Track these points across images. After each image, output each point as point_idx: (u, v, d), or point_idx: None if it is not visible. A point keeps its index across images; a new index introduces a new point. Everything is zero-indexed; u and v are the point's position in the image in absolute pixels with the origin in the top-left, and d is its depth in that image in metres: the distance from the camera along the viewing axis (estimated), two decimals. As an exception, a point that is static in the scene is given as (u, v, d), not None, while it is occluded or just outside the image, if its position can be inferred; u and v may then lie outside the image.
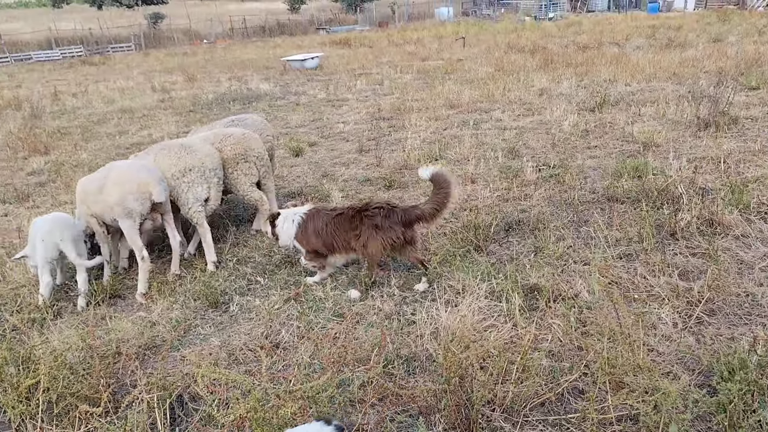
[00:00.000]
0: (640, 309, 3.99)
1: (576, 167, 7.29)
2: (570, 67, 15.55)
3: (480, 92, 13.15)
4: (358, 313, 4.42)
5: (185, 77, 20.74)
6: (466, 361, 3.24)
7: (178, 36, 48.87)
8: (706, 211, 5.32)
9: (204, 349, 4.14)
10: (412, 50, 25.32)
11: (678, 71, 13.30)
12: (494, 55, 20.15)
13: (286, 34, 50.16)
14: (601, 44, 20.90)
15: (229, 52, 34.19)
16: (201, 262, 5.58)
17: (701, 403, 2.94)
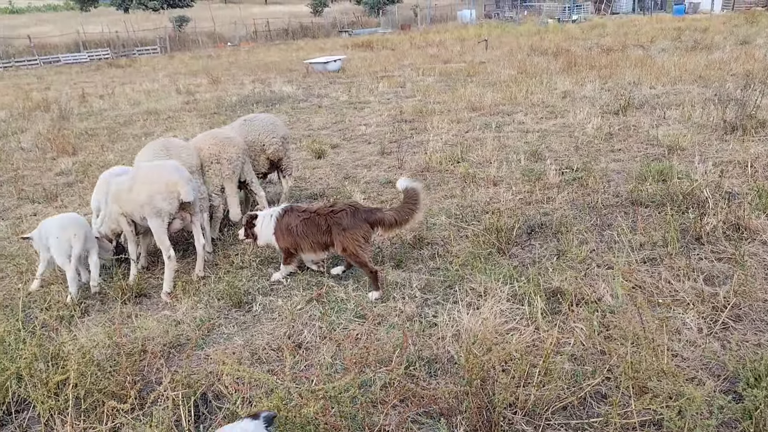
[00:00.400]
0: (664, 314, 3.95)
1: (599, 170, 7.24)
2: (594, 70, 15.43)
3: (502, 95, 13.11)
4: (380, 314, 4.45)
5: (209, 79, 20.98)
6: (488, 363, 3.25)
7: (202, 39, 49.46)
8: (733, 216, 5.26)
9: (227, 348, 4.19)
10: (434, 53, 25.32)
11: (704, 74, 13.14)
12: (517, 58, 20.08)
13: (308, 36, 50.50)
14: (625, 46, 20.71)
15: (252, 54, 34.52)
16: (225, 262, 5.64)
17: (726, 410, 2.91)
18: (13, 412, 3.63)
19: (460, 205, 6.71)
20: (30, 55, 42.09)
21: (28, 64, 40.31)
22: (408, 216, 4.97)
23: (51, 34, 48.93)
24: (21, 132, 13.85)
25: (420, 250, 5.61)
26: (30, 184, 9.27)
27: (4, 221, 7.50)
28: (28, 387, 3.49)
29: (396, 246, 5.73)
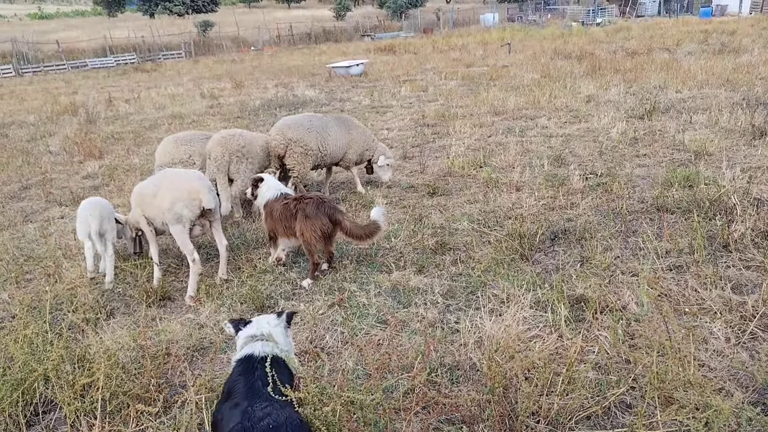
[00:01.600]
0: (690, 323, 3.89)
1: (624, 176, 7.16)
2: (618, 74, 15.28)
3: (525, 99, 13.04)
4: (402, 320, 4.44)
5: (233, 84, 21.18)
6: (511, 371, 3.22)
7: (226, 43, 49.98)
8: (762, 223, 5.16)
9: (250, 351, 4.21)
10: (456, 57, 25.29)
11: (732, 77, 12.93)
12: (540, 62, 19.96)
13: (331, 41, 50.76)
14: (650, 50, 20.48)
15: (275, 59, 34.79)
16: (248, 266, 5.68)
17: (755, 422, 2.85)
18: (41, 413, 3.69)
19: (483, 210, 6.68)
20: (58, 60, 42.89)
21: (57, 69, 41.08)
22: (363, 235, 5.21)
23: (79, 39, 49.83)
24: (49, 136, 14.10)
25: (442, 255, 5.60)
26: (58, 187, 9.44)
27: (32, 224, 7.64)
28: (55, 388, 3.55)
29: (418, 251, 5.72)
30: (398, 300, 4.80)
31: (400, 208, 7.09)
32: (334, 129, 7.48)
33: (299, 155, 7.10)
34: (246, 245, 6.19)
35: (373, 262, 5.58)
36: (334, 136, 7.44)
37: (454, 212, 6.73)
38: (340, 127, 7.58)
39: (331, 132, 7.43)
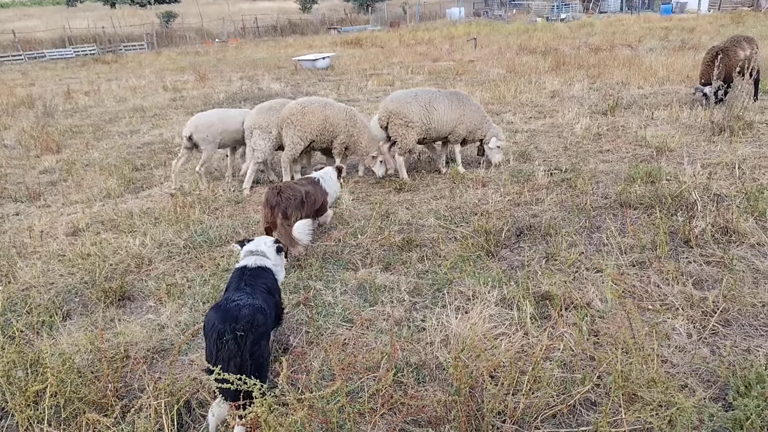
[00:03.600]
0: (653, 319, 3.93)
1: (588, 172, 7.23)
2: (582, 69, 15.47)
3: (491, 94, 13.10)
4: (368, 319, 4.39)
5: (197, 76, 20.80)
6: (477, 371, 3.20)
7: (190, 35, 49.02)
8: (721, 219, 5.25)
9: (212, 353, 4.11)
10: (423, 51, 25.28)
11: (692, 74, 13.16)
12: (506, 57, 20.08)
13: (297, 33, 50.24)
14: (613, 46, 20.78)
15: (240, 51, 34.29)
16: (211, 264, 5.56)
17: (717, 419, 2.88)
18: (-8, 421, 3.54)
19: (449, 206, 6.67)
20: (14, 50, 41.48)
21: (13, 60, 39.73)
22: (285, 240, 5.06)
23: (36, 29, 48.26)
24: (4, 129, 13.64)
25: (409, 252, 5.56)
26: (12, 182, 9.12)
27: (-15, 221, 7.36)
28: (6, 395, 3.40)
29: (385, 248, 5.67)
30: (365, 298, 4.75)
31: (367, 204, 7.03)
32: (443, 104, 7.55)
33: (399, 127, 7.38)
34: (209, 243, 6.06)
35: (340, 259, 5.51)
36: (440, 110, 7.52)
37: (421, 208, 6.70)
38: (451, 102, 7.62)
39: (438, 106, 7.51)
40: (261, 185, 8.14)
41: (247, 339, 3.15)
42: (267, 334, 3.42)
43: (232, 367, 3.06)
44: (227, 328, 3.14)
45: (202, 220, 6.73)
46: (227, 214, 6.96)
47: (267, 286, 3.74)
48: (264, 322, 3.33)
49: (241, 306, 3.30)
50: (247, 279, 3.70)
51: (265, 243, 4.11)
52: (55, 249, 6.15)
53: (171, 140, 11.29)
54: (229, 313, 3.24)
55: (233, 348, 3.10)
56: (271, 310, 3.63)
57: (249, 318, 3.22)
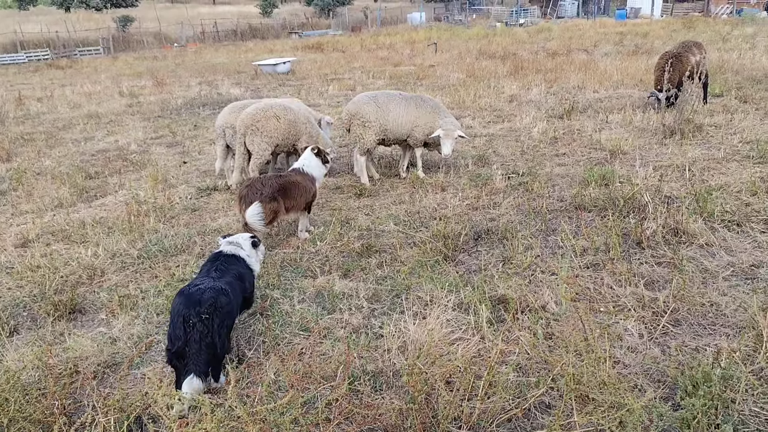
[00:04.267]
0: (606, 321, 3.99)
1: (544, 175, 7.33)
2: (540, 74, 15.71)
3: (451, 98, 13.19)
4: (326, 327, 4.35)
5: (154, 81, 20.43)
6: (433, 378, 3.20)
7: (148, 39, 48.20)
8: (672, 220, 5.37)
9: (166, 366, 4.02)
10: (384, 55, 25.35)
11: (645, 78, 13.50)
12: (466, 61, 20.27)
13: (257, 38, 49.88)
14: (570, 51, 21.17)
15: (199, 56, 33.86)
16: (166, 274, 5.45)
17: (666, 418, 2.94)
18: (-69, 444, 3.39)
19: (409, 211, 6.68)
20: (-37, 55, 40.16)
21: (-39, 65, 38.46)
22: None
23: (-14, 33, 46.81)
24: (-49, 137, 13.15)
25: (368, 258, 5.55)
26: (-41, 193, 8.79)
27: (-72, 234, 7.07)
28: (-54, 416, 3.27)
29: (344, 255, 5.65)
30: (323, 306, 4.71)
31: (327, 210, 7.00)
32: (400, 105, 7.56)
33: (358, 127, 7.55)
34: (164, 252, 5.93)
35: (298, 267, 5.46)
36: (396, 112, 7.52)
37: (381, 214, 6.69)
38: (407, 105, 7.60)
39: (395, 108, 7.53)
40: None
41: (214, 320, 3.46)
42: (231, 314, 3.73)
43: (203, 346, 3.43)
44: (192, 312, 3.43)
45: (157, 229, 6.60)
46: (183, 223, 6.84)
47: (238, 272, 4.11)
48: (227, 303, 3.63)
49: (204, 290, 3.56)
50: (219, 264, 4.06)
51: (242, 237, 4.50)
52: (2, 261, 5.95)
53: (127, 147, 11.06)
54: (192, 297, 3.51)
55: (203, 329, 3.42)
56: (237, 293, 3.93)
57: (212, 301, 3.50)
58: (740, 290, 4.39)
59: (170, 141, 11.51)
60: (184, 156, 10.19)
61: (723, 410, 2.98)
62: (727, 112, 9.92)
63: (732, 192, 6.24)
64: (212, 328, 3.46)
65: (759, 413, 3.09)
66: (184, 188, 8.14)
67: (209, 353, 3.49)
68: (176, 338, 3.45)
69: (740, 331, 3.85)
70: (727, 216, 5.62)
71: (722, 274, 4.64)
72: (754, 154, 7.42)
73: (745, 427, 2.99)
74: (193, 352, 3.45)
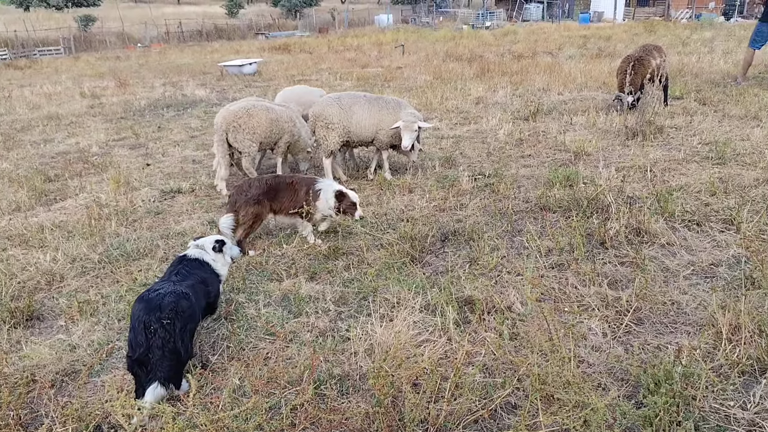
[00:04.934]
0: (571, 321, 4.03)
1: (510, 176, 7.39)
2: (506, 76, 15.86)
3: (418, 100, 13.22)
4: (292, 331, 4.31)
5: (117, 82, 20.02)
6: (399, 380, 3.18)
7: (110, 39, 47.26)
8: (634, 220, 5.46)
9: (127, 373, 3.92)
10: (351, 57, 25.31)
11: (608, 80, 13.73)
12: (433, 63, 20.36)
13: (223, 38, 49.33)
14: (535, 53, 21.44)
15: (164, 56, 33.33)
16: (128, 279, 5.33)
17: (629, 416, 2.98)
18: None
19: (376, 212, 6.67)
20: None
21: None
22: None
23: (-60, 32, 45.33)
24: None
25: (335, 260, 5.51)
26: None
27: None
28: None
29: (310, 257, 5.60)
30: (289, 309, 4.66)
31: (293, 212, 6.93)
32: (363, 107, 7.49)
33: (321, 129, 7.51)
34: (126, 257, 5.81)
35: (264, 270, 5.40)
36: (360, 114, 7.46)
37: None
38: (371, 107, 7.53)
39: (358, 110, 7.46)
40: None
41: (176, 325, 3.40)
42: (194, 317, 3.69)
43: (167, 352, 3.36)
44: (153, 317, 3.37)
45: (119, 233, 6.45)
46: (146, 226, 6.70)
47: (202, 276, 4.06)
48: (189, 306, 3.58)
49: (164, 294, 3.51)
50: (181, 268, 4.02)
51: (209, 240, 4.40)
52: (-44, 268, 5.74)
53: (88, 149, 10.81)
54: (152, 302, 3.46)
55: (165, 335, 3.35)
56: (200, 297, 3.89)
57: (173, 305, 3.45)
58: (700, 288, 4.48)
59: (133, 143, 11.29)
60: (147, 158, 10.00)
61: (684, 407, 3.03)
62: (687, 114, 10.15)
63: (692, 192, 6.38)
64: (174, 333, 3.39)
65: (719, 409, 3.16)
66: (147, 191, 7.98)
67: (173, 359, 3.42)
68: (137, 345, 3.37)
69: (700, 329, 3.93)
70: (688, 216, 5.74)
71: (683, 273, 4.73)
72: (712, 155, 7.60)
73: (705, 424, 3.05)
74: (156, 358, 3.37)
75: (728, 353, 3.55)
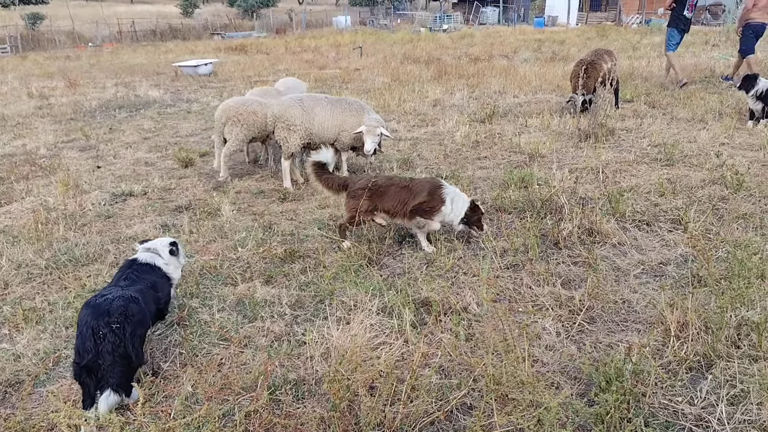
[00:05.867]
0: (525, 320, 4.08)
1: (467, 178, 7.44)
2: (462, 79, 16.00)
3: (376, 102, 13.22)
4: (246, 335, 4.24)
5: (67, 82, 19.43)
6: (355, 383, 3.16)
7: (60, 38, 45.90)
8: (586, 221, 5.57)
9: (74, 382, 3.80)
10: (309, 58, 25.18)
11: (561, 83, 14.00)
12: (391, 65, 20.40)
13: (178, 38, 48.44)
14: (491, 56, 21.71)
15: (116, 56, 32.54)
16: (76, 285, 5.16)
17: (581, 414, 3.02)
18: None
19: (334, 215, 6.62)
20: None
21: None
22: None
23: None
24: None
25: (291, 264, 5.46)
26: None
27: None
28: None
29: (266, 261, 5.53)
30: (243, 314, 4.59)
31: (249, 215, 6.84)
32: (325, 109, 7.47)
33: (282, 130, 7.46)
34: (74, 262, 5.63)
35: (218, 274, 5.30)
36: (322, 116, 7.43)
37: (305, 218, 6.61)
38: (333, 108, 7.50)
39: (320, 112, 7.43)
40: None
41: (126, 329, 3.34)
42: (144, 322, 3.62)
43: (117, 357, 3.30)
44: (101, 322, 3.30)
45: (67, 238, 6.25)
46: (96, 230, 6.51)
47: (152, 281, 3.99)
48: (139, 311, 3.53)
49: (111, 299, 3.45)
50: (130, 273, 3.93)
51: (161, 242, 4.32)
52: None
53: (35, 151, 10.45)
54: (99, 308, 3.39)
55: (115, 340, 3.28)
56: (150, 302, 3.83)
57: (122, 309, 3.40)
58: (650, 287, 4.60)
59: (83, 145, 10.98)
60: (98, 160, 9.73)
61: (634, 404, 3.09)
62: (637, 116, 10.42)
63: (642, 193, 6.54)
64: (125, 337, 3.32)
65: (667, 405, 3.24)
66: (97, 194, 7.75)
67: (124, 365, 3.34)
68: (86, 351, 3.28)
69: (650, 326, 4.03)
70: (638, 216, 5.88)
71: (633, 271, 4.84)
72: (661, 157, 7.82)
73: (655, 420, 3.12)
74: (106, 365, 3.29)
75: (676, 350, 3.65)
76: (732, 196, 6.24)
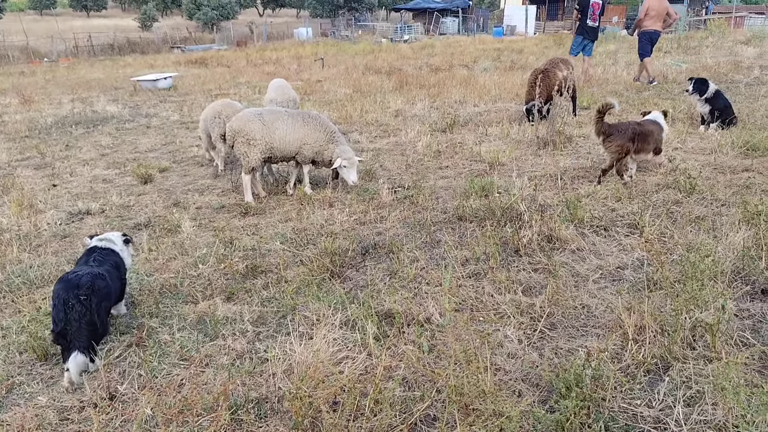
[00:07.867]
0: (487, 329, 4.11)
1: (429, 188, 7.49)
2: (423, 89, 16.13)
3: (338, 114, 13.24)
4: (207, 354, 4.17)
5: (21, 99, 18.95)
6: (318, 400, 3.14)
7: (13, 54, 44.78)
8: (546, 227, 5.64)
9: (28, 410, 3.69)
10: (271, 70, 25.08)
11: (520, 92, 14.20)
12: (352, 77, 20.46)
13: (137, 52, 47.78)
14: (452, 66, 21.96)
15: (73, 71, 31.89)
16: (31, 308, 5.02)
17: (542, 422, 3.05)
18: None
19: (296, 228, 6.59)
20: None
21: None
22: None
23: None
24: None
25: (253, 279, 5.40)
26: None
27: None
28: None
29: (227, 277, 5.47)
30: (204, 333, 4.51)
31: (210, 230, 6.76)
32: (286, 123, 7.45)
33: (242, 145, 7.41)
34: (29, 284, 5.47)
35: (178, 292, 5.22)
36: (283, 130, 7.41)
37: (267, 232, 6.56)
38: (294, 122, 7.50)
39: (281, 125, 7.41)
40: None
41: (92, 300, 3.89)
42: (109, 296, 4.19)
43: (84, 324, 3.86)
44: (71, 294, 3.85)
45: (21, 259, 6.08)
46: (52, 251, 6.35)
47: (115, 262, 4.56)
48: (105, 286, 4.09)
49: (81, 275, 4.00)
50: (96, 256, 4.46)
51: (114, 234, 4.89)
52: None
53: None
54: (70, 282, 3.94)
55: (81, 309, 3.84)
56: (115, 280, 4.38)
57: (89, 283, 3.93)
58: (608, 291, 4.68)
59: (38, 162, 10.72)
60: (53, 178, 9.51)
61: (594, 409, 3.13)
62: (594, 123, 10.61)
63: (599, 199, 6.67)
64: (91, 307, 3.88)
65: (627, 408, 3.28)
66: (53, 213, 7.56)
67: (90, 330, 3.90)
68: (59, 320, 3.85)
69: (608, 331, 4.09)
70: (596, 221, 5.99)
71: (592, 277, 4.92)
72: (617, 163, 7.98)
73: (614, 424, 3.16)
74: (74, 330, 3.85)
75: (634, 353, 3.71)
76: (685, 200, 6.40)
